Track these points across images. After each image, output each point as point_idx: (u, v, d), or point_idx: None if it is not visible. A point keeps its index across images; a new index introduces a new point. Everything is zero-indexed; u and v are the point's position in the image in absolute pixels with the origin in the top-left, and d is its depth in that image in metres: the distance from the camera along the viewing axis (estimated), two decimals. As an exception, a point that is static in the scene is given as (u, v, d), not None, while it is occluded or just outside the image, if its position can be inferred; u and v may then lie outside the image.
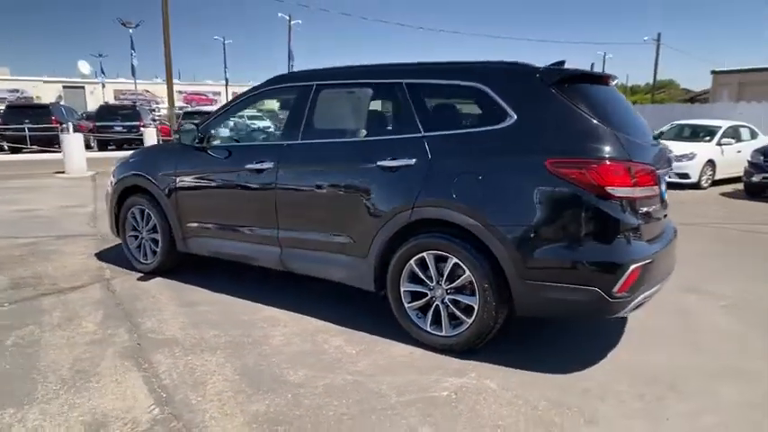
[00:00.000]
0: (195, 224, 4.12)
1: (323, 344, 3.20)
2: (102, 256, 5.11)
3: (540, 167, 2.69)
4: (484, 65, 3.06)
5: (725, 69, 23.19)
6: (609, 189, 2.60)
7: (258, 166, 3.64)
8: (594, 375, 2.84)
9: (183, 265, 4.53)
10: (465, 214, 2.84)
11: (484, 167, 2.84)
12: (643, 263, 2.66)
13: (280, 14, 37.35)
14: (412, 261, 3.09)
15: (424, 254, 3.04)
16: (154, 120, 21.92)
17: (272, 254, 3.73)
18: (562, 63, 3.06)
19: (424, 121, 3.09)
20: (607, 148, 2.64)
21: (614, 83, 3.25)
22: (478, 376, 2.81)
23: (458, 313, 2.99)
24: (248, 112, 9.70)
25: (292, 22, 37.31)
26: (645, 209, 2.76)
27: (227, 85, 50.84)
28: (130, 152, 4.96)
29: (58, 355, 3.03)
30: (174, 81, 18.99)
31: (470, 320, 2.94)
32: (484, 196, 2.81)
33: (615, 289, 2.62)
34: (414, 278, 3.13)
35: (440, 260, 3.01)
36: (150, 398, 2.58)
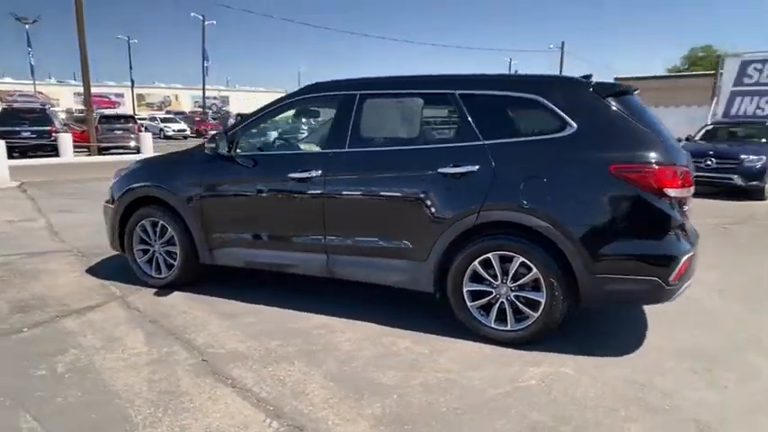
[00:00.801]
0: (224, 234, 4.01)
1: (392, 346, 3.30)
2: (95, 272, 4.77)
3: (605, 172, 3.00)
4: (540, 78, 3.34)
5: (628, 76, 25.74)
6: (665, 190, 2.96)
7: (304, 174, 3.64)
8: (644, 357, 3.18)
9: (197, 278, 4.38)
10: (535, 216, 3.08)
11: (550, 173, 3.10)
12: (689, 255, 3.05)
13: (193, 14, 35.79)
14: (476, 262, 3.28)
15: (490, 255, 3.24)
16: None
17: (316, 261, 3.74)
18: (590, 76, 3.40)
19: (483, 129, 3.30)
20: (660, 154, 3.01)
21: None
22: (552, 364, 3.06)
23: (523, 308, 3.22)
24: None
25: (207, 23, 35.90)
26: (686, 207, 3.17)
27: (132, 86, 47.84)
28: (133, 162, 4.69)
29: (127, 378, 2.87)
30: (70, 82, 17.56)
31: (537, 314, 3.18)
32: (552, 199, 3.07)
33: (671, 278, 2.98)
34: (476, 278, 3.32)
35: (505, 260, 3.23)
36: (260, 412, 2.56)
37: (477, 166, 3.23)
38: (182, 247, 4.16)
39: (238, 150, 3.96)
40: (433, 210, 3.33)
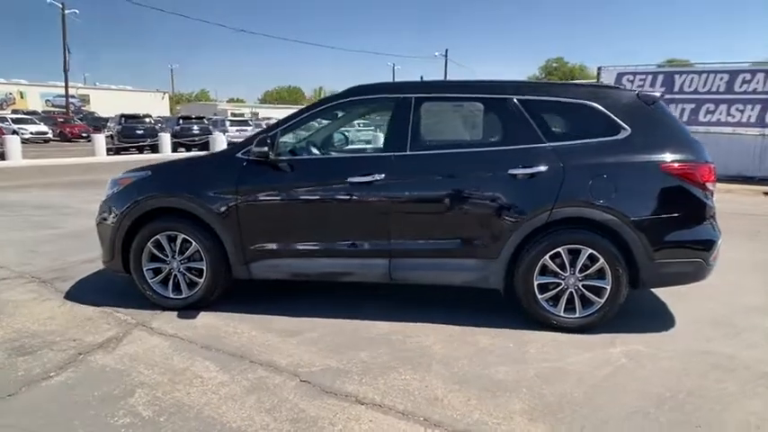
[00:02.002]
0: (267, 246, 3.73)
1: (478, 344, 3.36)
2: (78, 298, 4.12)
3: (658, 169, 3.38)
4: (593, 86, 3.64)
5: None
6: (706, 183, 3.42)
7: (365, 178, 3.55)
8: (686, 329, 3.62)
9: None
10: (603, 211, 3.37)
11: (611, 171, 3.40)
12: (720, 239, 3.56)
13: (49, 1, 31.07)
14: (546, 256, 3.48)
15: (560, 248, 3.46)
16: None
17: (377, 267, 3.66)
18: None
19: (545, 132, 3.51)
20: (699, 152, 3.47)
21: None
22: (623, 344, 3.36)
23: (590, 296, 3.50)
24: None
25: (67, 11, 31.68)
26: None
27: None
28: (135, 171, 4.11)
29: (237, 411, 2.58)
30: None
31: (603, 301, 3.47)
32: (616, 195, 3.37)
33: (710, 259, 3.46)
34: (545, 271, 3.52)
35: (572, 252, 3.48)
36: (413, 424, 2.49)
37: (545, 167, 3.43)
38: (210, 263, 3.78)
39: (280, 154, 3.71)
40: (505, 209, 3.46)
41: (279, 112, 44.21)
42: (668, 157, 3.41)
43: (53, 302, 4.07)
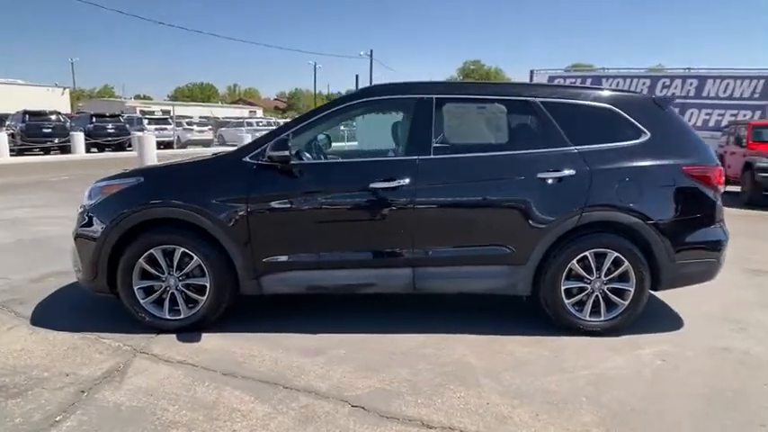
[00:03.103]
0: (281, 257, 3.43)
1: (515, 353, 3.27)
2: (51, 324, 3.59)
3: (678, 173, 3.48)
4: (613, 91, 3.67)
5: None
6: (719, 186, 3.58)
7: (389, 184, 3.35)
8: (698, 327, 3.73)
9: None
10: (630, 214, 3.41)
11: (636, 175, 3.45)
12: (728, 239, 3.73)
13: None
14: (574, 261, 3.47)
15: (587, 252, 3.47)
16: None
17: (400, 277, 3.48)
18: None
19: (570, 135, 3.50)
20: (712, 156, 3.62)
21: None
22: (649, 345, 3.41)
23: (615, 299, 3.53)
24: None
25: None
26: (719, 201, 3.84)
27: None
28: (121, 175, 3.60)
29: (301, 446, 2.31)
30: None
31: (626, 303, 3.52)
32: (640, 198, 3.43)
33: (722, 258, 3.63)
34: (571, 275, 3.51)
35: (598, 256, 3.49)
36: (497, 446, 2.34)
37: (574, 171, 3.42)
38: (214, 278, 3.41)
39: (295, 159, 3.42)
40: (535, 213, 3.40)
41: (192, 110, 42.07)
42: (687, 160, 3.52)
43: (20, 330, 3.50)
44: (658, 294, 4.30)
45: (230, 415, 2.55)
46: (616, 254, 3.47)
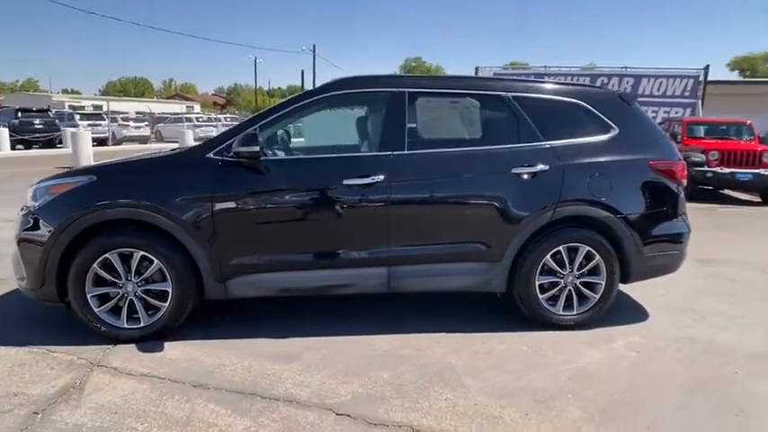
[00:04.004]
0: (249, 259, 3.24)
1: (493, 351, 3.24)
2: (-11, 340, 3.22)
3: (645, 168, 3.57)
4: (582, 86, 3.70)
5: None
6: (682, 180, 3.70)
7: (363, 180, 3.24)
8: (662, 317, 3.82)
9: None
10: (601, 209, 3.46)
11: (606, 169, 3.50)
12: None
13: None
14: (548, 255, 3.49)
15: (560, 247, 3.49)
16: None
17: (375, 276, 3.38)
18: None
19: (542, 131, 3.51)
20: (675, 152, 3.74)
21: None
22: (620, 337, 3.47)
23: (587, 293, 3.58)
24: None
25: None
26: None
27: None
28: (71, 173, 3.27)
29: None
30: None
31: (598, 296, 3.58)
32: (611, 193, 3.49)
33: (685, 250, 3.76)
34: (546, 270, 3.53)
35: (571, 250, 3.53)
36: (492, 447, 2.29)
37: (547, 166, 3.43)
38: (177, 283, 3.18)
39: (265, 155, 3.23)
40: (510, 209, 3.39)
41: (126, 105, 40.03)
42: (652, 155, 3.61)
43: (-48, 347, 3.12)
44: (621, 287, 4.44)
45: (206, 431, 2.36)
46: (588, 248, 3.51)
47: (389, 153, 3.33)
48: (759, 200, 10.27)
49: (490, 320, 3.66)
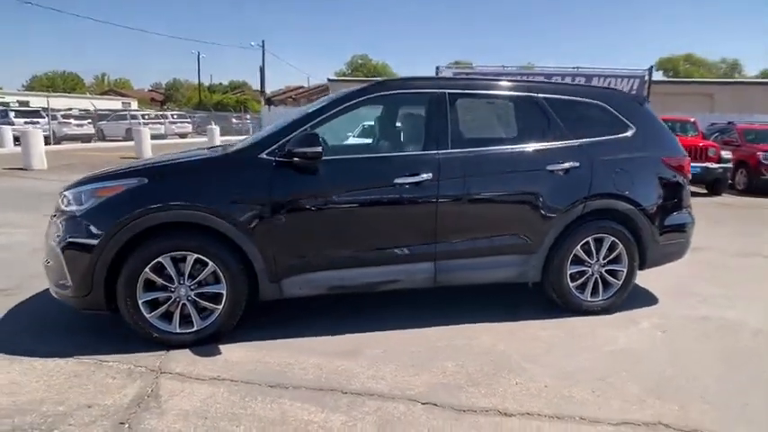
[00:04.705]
0: (304, 258, 3.27)
1: (539, 337, 3.43)
2: (24, 349, 3.07)
3: (660, 163, 3.89)
4: (602, 88, 3.96)
5: (339, 78, 28.43)
6: (689, 175, 4.05)
7: (414, 179, 3.35)
8: (672, 301, 4.16)
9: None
10: (626, 202, 3.74)
11: (627, 165, 3.79)
12: None
13: None
14: (578, 246, 3.73)
15: (589, 238, 3.74)
16: None
17: (422, 271, 3.49)
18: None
19: (570, 129, 3.74)
20: (682, 148, 4.08)
21: None
22: (642, 318, 3.79)
23: (610, 280, 3.86)
24: None
25: None
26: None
27: None
28: (109, 179, 3.15)
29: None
30: None
31: (620, 282, 3.87)
32: (632, 186, 3.77)
33: (691, 239, 4.12)
34: (575, 260, 3.77)
35: (598, 241, 3.79)
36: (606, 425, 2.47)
37: (578, 163, 3.66)
38: (232, 284, 3.16)
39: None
40: (546, 204, 3.60)
41: (55, 102, 37.50)
42: (665, 151, 3.94)
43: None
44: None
45: (306, 428, 2.39)
46: (613, 238, 3.78)
47: (435, 152, 3.45)
48: (705, 191, 11.18)
49: (520, 309, 3.86)
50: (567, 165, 3.64)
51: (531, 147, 3.67)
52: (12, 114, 21.71)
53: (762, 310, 4.04)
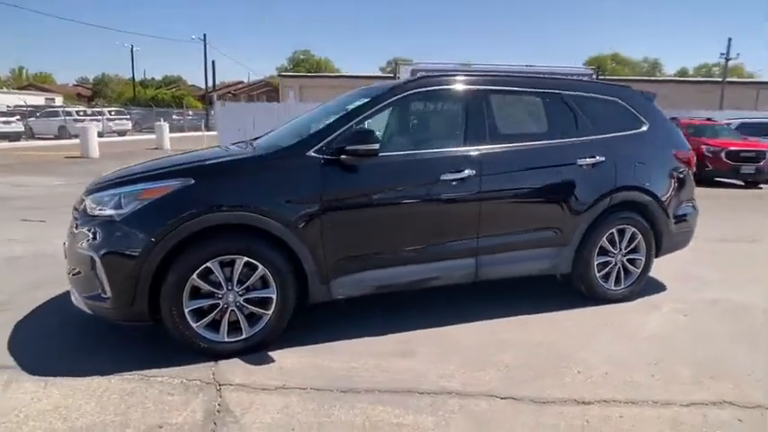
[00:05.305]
0: (352, 259, 3.19)
1: (581, 327, 3.53)
2: (58, 370, 2.81)
3: (672, 157, 4.10)
4: (616, 86, 4.13)
5: (289, 74, 27.80)
6: (693, 167, 4.30)
7: (458, 175, 3.35)
8: (675, 286, 4.42)
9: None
10: (645, 194, 3.92)
11: (645, 159, 3.97)
12: None
13: None
14: (604, 237, 3.87)
15: (613, 229, 3.89)
16: None
17: (464, 267, 3.51)
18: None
19: (594, 125, 3.87)
20: (687, 143, 4.32)
21: None
22: (662, 303, 4.00)
23: (631, 268, 4.03)
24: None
25: None
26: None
27: None
28: (147, 179, 2.91)
29: None
30: None
31: (639, 270, 4.05)
32: (650, 179, 3.96)
33: (695, 228, 4.38)
34: (601, 251, 3.91)
35: (620, 232, 3.95)
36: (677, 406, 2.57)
37: (604, 157, 3.79)
38: (282, 288, 3.03)
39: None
40: (578, 197, 3.70)
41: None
42: (675, 146, 4.15)
43: (24, 386, 2.67)
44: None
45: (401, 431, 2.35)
46: (633, 229, 3.95)
47: (477, 148, 3.47)
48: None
49: (548, 301, 3.96)
50: (595, 159, 3.76)
51: (562, 142, 3.77)
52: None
53: (761, 291, 4.36)
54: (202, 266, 2.87)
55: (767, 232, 6.93)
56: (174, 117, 32.56)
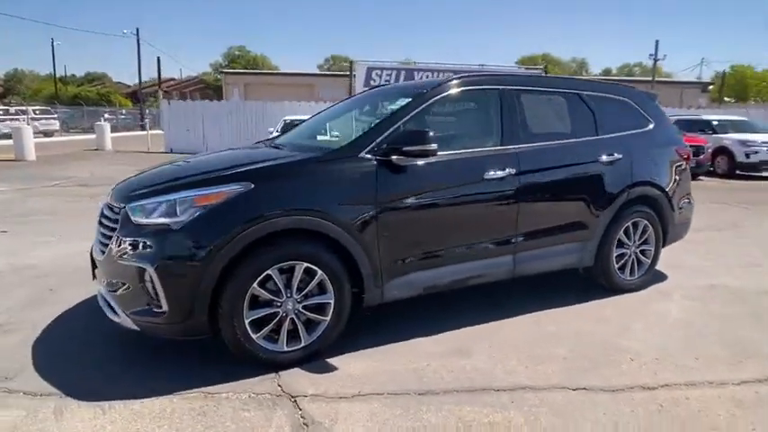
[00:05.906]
0: (405, 261, 3.17)
1: (618, 317, 3.70)
2: (99, 393, 2.61)
3: (674, 153, 4.37)
4: (623, 86, 4.34)
5: (232, 71, 26.72)
6: (689, 162, 4.60)
7: (500, 173, 3.41)
8: (674, 275, 4.72)
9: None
10: (656, 189, 4.16)
11: (654, 156, 4.21)
12: None
13: None
14: (621, 231, 4.07)
15: (629, 223, 4.10)
16: None
17: (503, 264, 3.57)
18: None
19: (609, 123, 4.05)
20: (684, 140, 4.62)
21: None
22: (672, 290, 4.26)
23: (643, 259, 4.27)
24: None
25: None
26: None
27: None
28: (202, 184, 2.72)
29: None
30: None
31: (649, 261, 4.30)
32: (659, 174, 4.21)
33: (692, 219, 4.70)
34: (619, 244, 4.11)
35: (634, 225, 4.16)
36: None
37: (621, 154, 3.98)
38: (339, 293, 2.97)
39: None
40: (601, 192, 3.87)
41: None
42: (676, 143, 4.43)
43: (82, 414, 2.45)
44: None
45: (494, 430, 2.36)
46: (645, 221, 4.18)
47: (514, 146, 3.54)
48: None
49: (567, 294, 4.10)
50: (614, 156, 3.94)
51: (585, 140, 3.92)
52: None
53: (750, 275, 4.74)
54: (263, 274, 2.74)
55: (722, 222, 7.50)
56: (106, 116, 30.58)
